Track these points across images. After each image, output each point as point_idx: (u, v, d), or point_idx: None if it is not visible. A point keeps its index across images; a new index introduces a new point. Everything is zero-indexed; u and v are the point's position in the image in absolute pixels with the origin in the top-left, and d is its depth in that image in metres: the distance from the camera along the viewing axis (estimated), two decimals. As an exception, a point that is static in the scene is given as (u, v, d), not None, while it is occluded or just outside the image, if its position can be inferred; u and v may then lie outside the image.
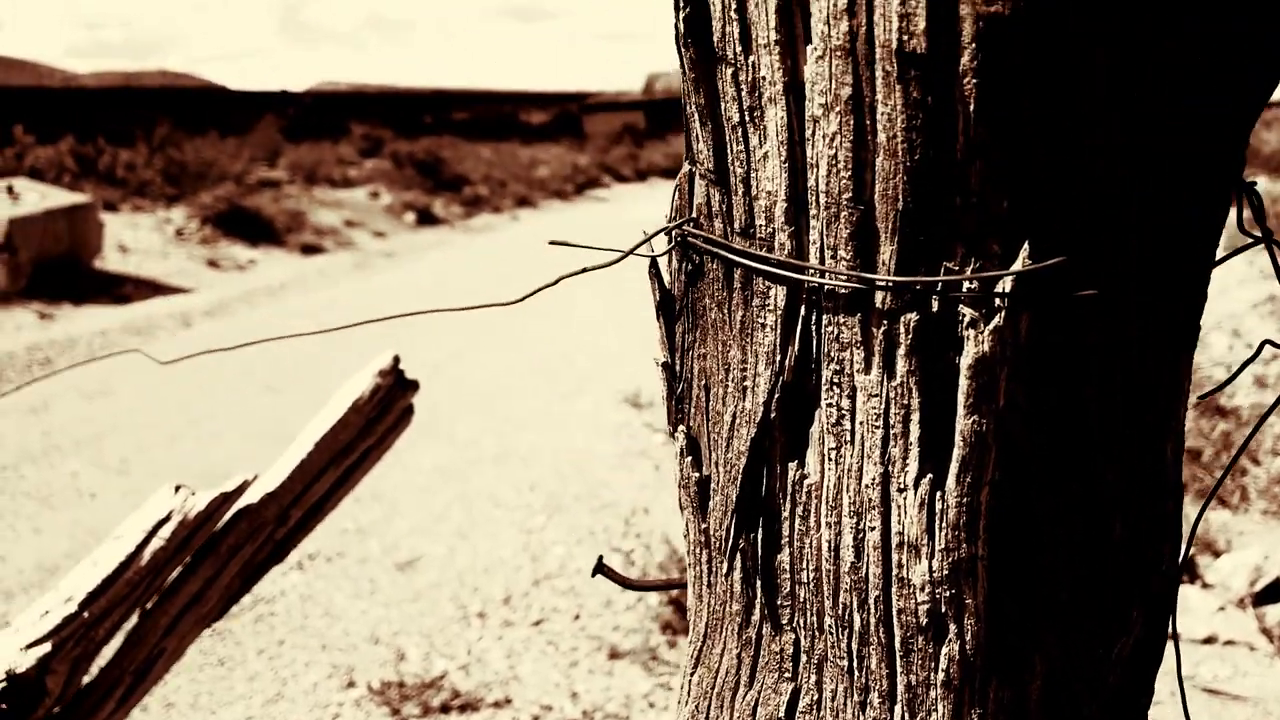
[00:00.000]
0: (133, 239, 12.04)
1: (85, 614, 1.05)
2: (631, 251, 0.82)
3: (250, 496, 1.27)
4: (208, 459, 5.45)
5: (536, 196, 18.94)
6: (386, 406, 1.46)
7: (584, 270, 0.86)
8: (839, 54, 0.62)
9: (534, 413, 6.05)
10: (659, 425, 5.59)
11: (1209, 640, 3.75)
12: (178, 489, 1.19)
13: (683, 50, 0.73)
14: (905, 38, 0.58)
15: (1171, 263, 0.66)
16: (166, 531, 1.14)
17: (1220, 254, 0.70)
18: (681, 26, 0.71)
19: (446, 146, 20.48)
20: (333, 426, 1.38)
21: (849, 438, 0.69)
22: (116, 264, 11.07)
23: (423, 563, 4.13)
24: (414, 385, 1.53)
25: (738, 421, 0.76)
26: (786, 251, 0.69)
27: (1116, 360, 0.66)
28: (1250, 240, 0.70)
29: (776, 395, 0.72)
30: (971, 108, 0.59)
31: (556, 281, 0.85)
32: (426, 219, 15.81)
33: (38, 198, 10.27)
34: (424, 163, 18.22)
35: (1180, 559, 0.76)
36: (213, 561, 1.21)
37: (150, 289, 10.35)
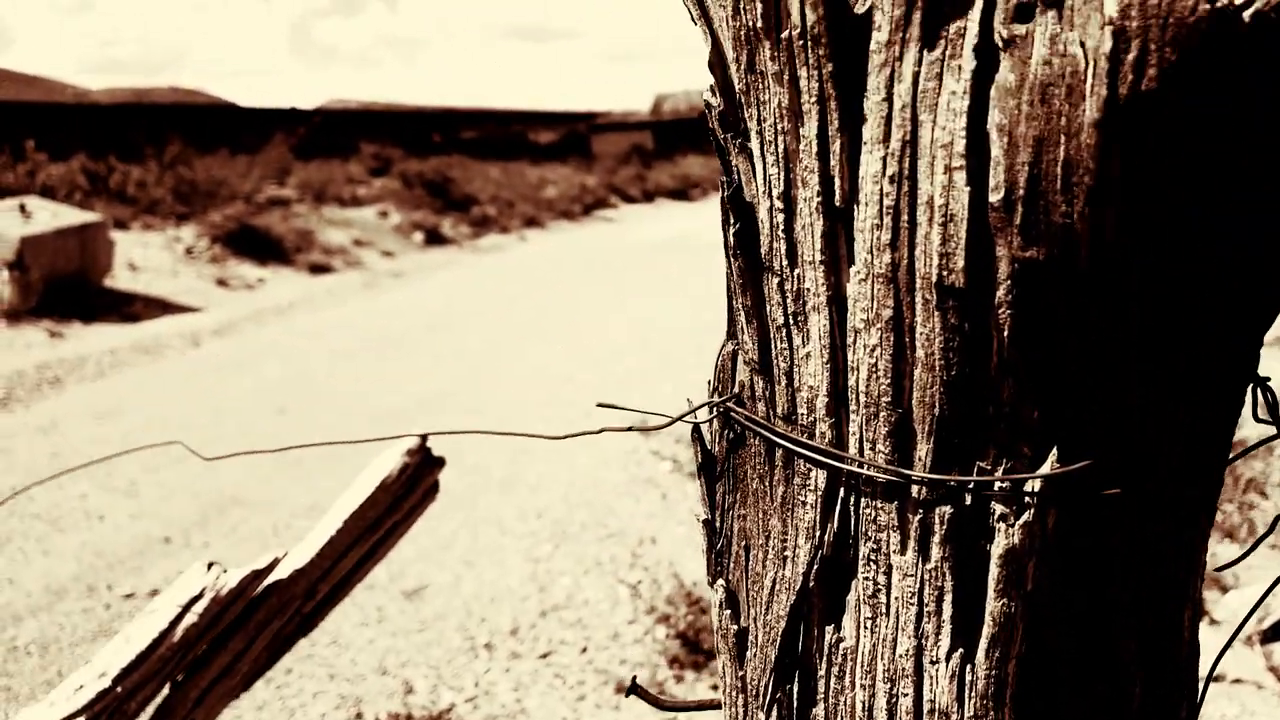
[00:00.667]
0: (142, 257, 12.11)
1: (118, 689, 1.07)
2: (679, 419, 0.86)
3: (280, 573, 1.29)
4: (215, 482, 5.46)
5: (544, 217, 19.01)
6: (413, 484, 1.48)
7: (630, 429, 0.90)
8: (881, 280, 0.67)
9: (541, 439, 6.06)
10: (666, 453, 5.60)
11: (1216, 679, 3.74)
12: (210, 566, 1.21)
13: (732, 259, 0.78)
14: (945, 272, 0.63)
15: (1192, 458, 0.69)
16: (199, 608, 1.17)
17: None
18: (731, 240, 0.76)
19: (455, 166, 20.57)
20: (361, 504, 1.40)
21: (884, 610, 0.73)
22: (126, 282, 11.13)
23: (429, 591, 4.14)
24: (440, 462, 1.55)
25: (777, 587, 0.80)
26: (827, 440, 0.74)
27: (1140, 548, 0.70)
28: (1270, 435, 0.75)
29: (816, 567, 0.76)
30: (1005, 334, 0.63)
31: (599, 431, 0.88)
32: (435, 239, 15.88)
33: (49, 216, 10.34)
34: (433, 182, 18.29)
35: (1197, 713, 0.79)
36: (242, 636, 1.23)
37: (160, 308, 10.41)
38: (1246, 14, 0.52)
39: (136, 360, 8.35)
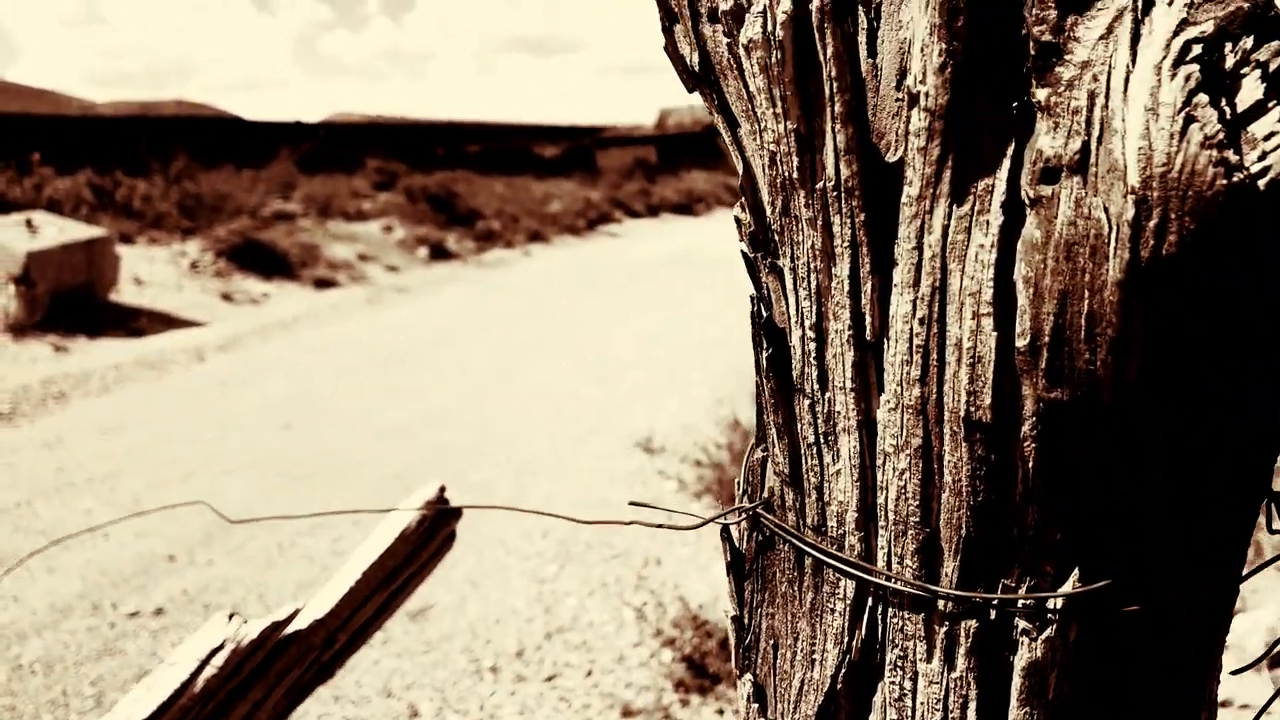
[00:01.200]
0: (148, 272, 12.14)
1: (139, 738, 1.08)
2: (710, 521, 0.88)
3: (299, 623, 1.29)
4: (222, 497, 5.46)
5: (549, 231, 19.05)
6: (431, 535, 1.49)
7: (661, 526, 0.92)
8: (910, 411, 0.70)
9: (545, 457, 6.06)
10: (670, 472, 5.59)
11: (1224, 704, 3.72)
12: (231, 617, 1.22)
13: (764, 379, 0.81)
14: (972, 408, 0.67)
15: (1208, 573, 0.72)
16: (220, 659, 1.17)
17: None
18: (764, 363, 0.80)
19: (460, 180, 20.61)
20: (381, 555, 1.41)
21: (910, 713, 0.76)
22: (131, 296, 11.15)
23: (434, 612, 4.13)
24: (456, 514, 1.56)
25: (806, 688, 0.83)
26: (856, 553, 0.77)
27: (1157, 661, 0.72)
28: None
29: (843, 670, 0.79)
30: (1030, 465, 0.67)
31: (630, 523, 0.89)
32: (439, 253, 15.91)
33: (56, 231, 10.37)
34: (437, 197, 18.33)
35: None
36: (262, 685, 1.23)
37: (164, 322, 10.43)
38: (1262, 183, 0.54)
39: (141, 375, 8.36)
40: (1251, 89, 0.54)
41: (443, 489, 1.52)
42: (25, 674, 3.72)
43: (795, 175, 0.71)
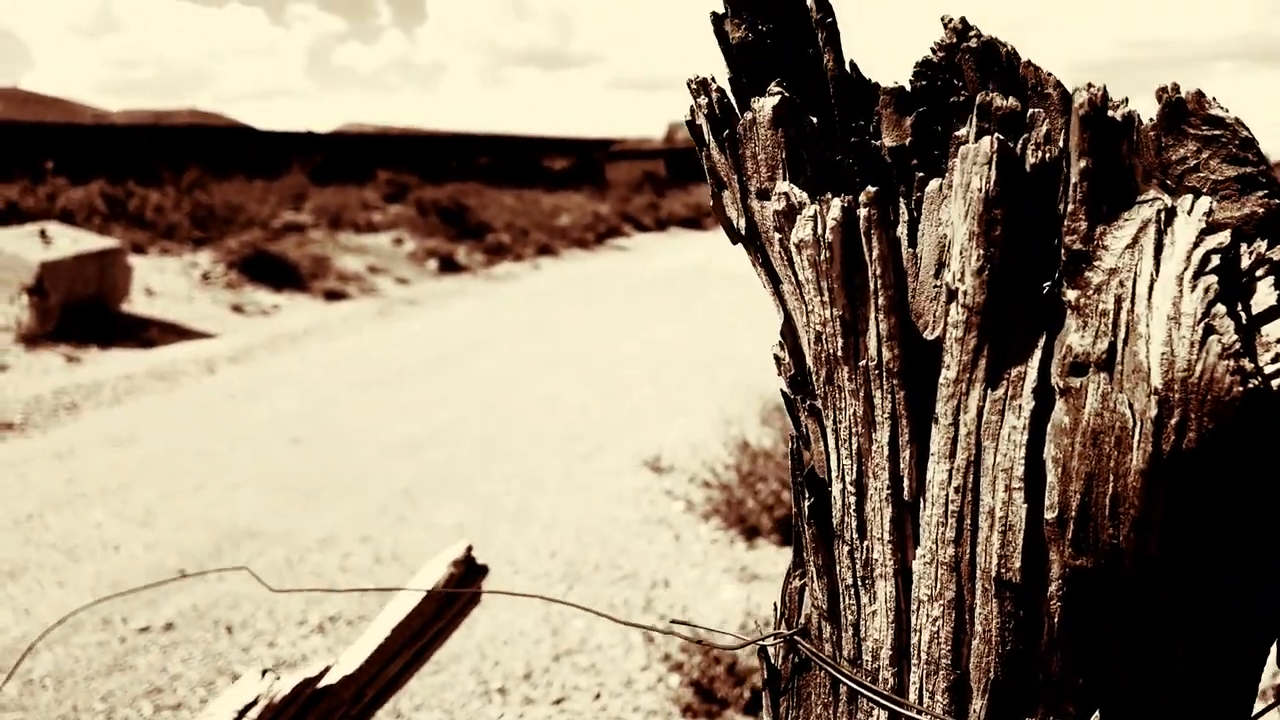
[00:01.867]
0: (160, 282, 12.21)
1: (171, 790, 1.10)
2: (749, 644, 0.92)
3: (330, 679, 1.33)
4: (231, 510, 5.49)
5: (558, 245, 19.11)
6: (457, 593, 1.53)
7: (699, 641, 0.99)
8: (944, 566, 0.76)
9: (553, 473, 6.08)
10: (678, 493, 5.60)
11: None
12: (264, 673, 1.25)
13: (805, 525, 0.87)
14: (1003, 570, 0.72)
15: (1222, 715, 0.76)
16: (253, 715, 1.21)
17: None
18: (806, 511, 0.86)
19: (470, 193, 20.70)
20: (409, 614, 1.45)
21: None
22: (143, 307, 11.22)
23: (443, 631, 4.15)
24: (484, 570, 1.59)
25: None
26: (889, 686, 0.82)
27: None
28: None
29: None
30: (1056, 620, 0.72)
31: (667, 631, 0.93)
32: (449, 266, 15.98)
33: (69, 242, 10.45)
34: (447, 209, 18.42)
35: None
36: None
37: (175, 333, 10.48)
38: (1276, 384, 0.59)
39: (152, 387, 8.40)
40: (1265, 292, 0.59)
41: (469, 549, 1.55)
42: (36, 688, 3.75)
43: (839, 353, 0.78)
